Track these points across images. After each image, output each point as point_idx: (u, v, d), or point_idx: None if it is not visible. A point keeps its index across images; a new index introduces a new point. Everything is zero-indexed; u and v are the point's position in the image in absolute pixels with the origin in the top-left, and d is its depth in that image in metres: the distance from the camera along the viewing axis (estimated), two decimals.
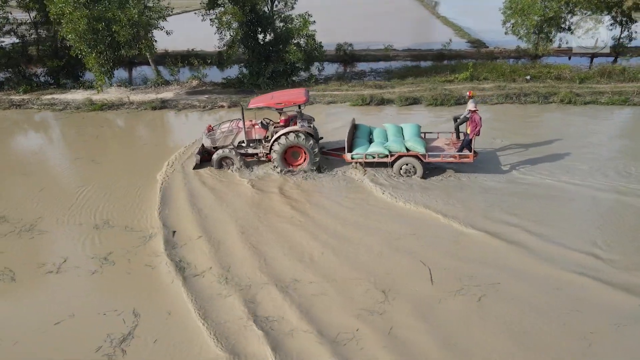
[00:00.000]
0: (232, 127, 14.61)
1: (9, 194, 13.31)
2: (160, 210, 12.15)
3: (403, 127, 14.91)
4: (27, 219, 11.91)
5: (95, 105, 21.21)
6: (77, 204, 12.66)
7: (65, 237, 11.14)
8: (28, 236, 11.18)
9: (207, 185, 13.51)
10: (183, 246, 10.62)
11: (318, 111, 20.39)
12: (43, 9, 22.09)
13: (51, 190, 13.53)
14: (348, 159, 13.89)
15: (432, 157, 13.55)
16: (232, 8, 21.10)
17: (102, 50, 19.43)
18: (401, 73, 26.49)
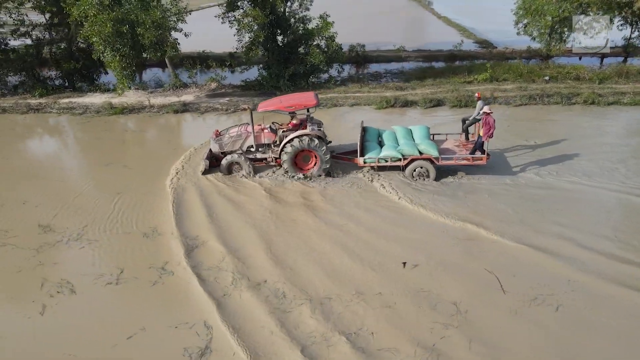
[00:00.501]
0: (240, 132, 14.39)
1: (46, 201, 12.99)
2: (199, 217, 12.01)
3: (412, 130, 14.83)
4: (72, 228, 11.63)
5: (116, 109, 20.86)
6: (117, 211, 12.40)
7: (117, 246, 10.89)
8: (78, 246, 10.91)
9: (240, 193, 13.24)
10: (230, 256, 10.33)
11: (340, 114, 20.31)
12: (60, 11, 21.68)
13: (87, 197, 13.24)
14: (360, 163, 13.77)
15: (445, 159, 13.51)
16: (254, 10, 20.86)
17: (125, 53, 19.09)
18: (418, 74, 26.44)
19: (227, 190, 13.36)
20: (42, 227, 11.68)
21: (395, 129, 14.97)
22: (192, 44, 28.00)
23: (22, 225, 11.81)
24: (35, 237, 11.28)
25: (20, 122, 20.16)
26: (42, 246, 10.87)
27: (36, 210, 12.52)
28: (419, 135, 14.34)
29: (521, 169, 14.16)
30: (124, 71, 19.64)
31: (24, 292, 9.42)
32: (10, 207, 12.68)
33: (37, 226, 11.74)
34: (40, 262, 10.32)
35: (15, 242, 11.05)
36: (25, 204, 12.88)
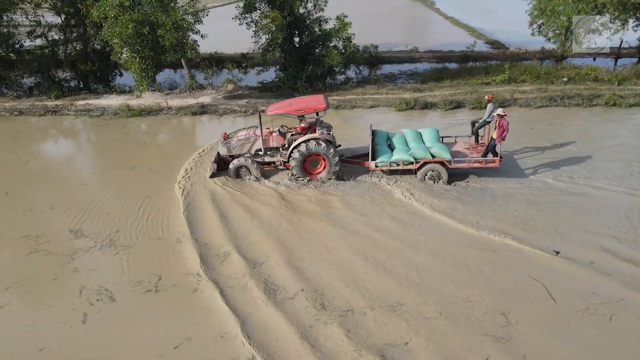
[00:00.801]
0: (249, 135, 14.26)
1: (72, 205, 12.83)
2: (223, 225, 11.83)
3: (422, 132, 14.74)
4: (104, 233, 11.50)
5: (134, 111, 20.71)
6: (144, 216, 12.26)
7: (150, 252, 10.74)
8: (112, 252, 10.77)
9: (258, 201, 12.99)
10: (262, 265, 10.15)
11: (358, 116, 20.15)
12: (77, 12, 21.53)
13: (114, 201, 13.08)
14: (372, 167, 13.64)
15: (457, 162, 13.41)
16: (273, 12, 20.71)
17: (146, 55, 18.93)
18: (433, 75, 26.26)
19: (243, 197, 13.10)
20: (73, 233, 11.54)
21: (405, 132, 14.88)
22: (203, 45, 27.89)
23: (53, 230, 11.67)
24: (67, 242, 11.15)
25: (38, 125, 20.00)
26: (75, 252, 10.73)
27: (65, 214, 12.37)
28: (429, 138, 14.26)
29: (549, 173, 13.99)
30: (142, 73, 19.44)
31: (62, 299, 9.28)
32: (40, 212, 12.53)
33: (69, 231, 11.61)
34: (76, 268, 10.18)
35: (48, 248, 10.91)
36: (53, 208, 12.72)
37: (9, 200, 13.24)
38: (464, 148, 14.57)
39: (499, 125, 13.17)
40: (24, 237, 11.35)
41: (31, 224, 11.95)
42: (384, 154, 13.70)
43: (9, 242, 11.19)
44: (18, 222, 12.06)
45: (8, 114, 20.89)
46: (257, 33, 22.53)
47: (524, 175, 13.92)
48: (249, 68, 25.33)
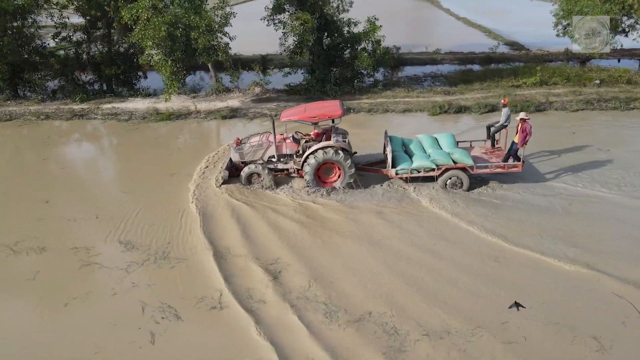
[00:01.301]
0: (262, 141, 13.89)
1: (115, 214, 12.39)
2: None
3: (437, 138, 14.44)
4: (155, 245, 11.08)
5: (163, 115, 20.33)
6: (188, 226, 11.80)
7: (206, 266, 10.28)
8: (167, 265, 10.36)
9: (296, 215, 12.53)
10: (316, 284, 9.62)
11: (390, 120, 19.78)
12: (105, 14, 21.15)
13: (155, 210, 12.63)
14: (392, 174, 13.28)
15: (480, 168, 13.14)
16: (304, 14, 20.32)
17: (178, 58, 18.54)
18: (460, 78, 25.89)
19: (269, 209, 12.69)
20: (123, 244, 11.13)
21: (421, 138, 14.59)
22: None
23: (102, 241, 11.27)
24: (119, 255, 10.75)
25: (67, 129, 19.58)
26: (130, 265, 10.33)
27: (110, 224, 11.95)
28: (446, 144, 14.00)
29: (591, 181, 13.61)
30: (172, 76, 19.04)
31: (125, 317, 8.87)
32: (84, 222, 12.12)
33: (118, 242, 11.20)
34: (134, 283, 9.78)
35: (101, 261, 10.51)
36: (98, 217, 12.32)
37: (51, 209, 12.84)
38: (481, 153, 14.35)
39: (522, 129, 12.99)
40: (73, 249, 10.95)
41: (78, 235, 11.56)
42: (403, 161, 13.38)
43: (60, 254, 10.79)
44: (64, 232, 11.66)
45: (35, 118, 20.49)
46: (286, 35, 22.16)
47: (561, 182, 13.58)
48: (272, 70, 24.94)
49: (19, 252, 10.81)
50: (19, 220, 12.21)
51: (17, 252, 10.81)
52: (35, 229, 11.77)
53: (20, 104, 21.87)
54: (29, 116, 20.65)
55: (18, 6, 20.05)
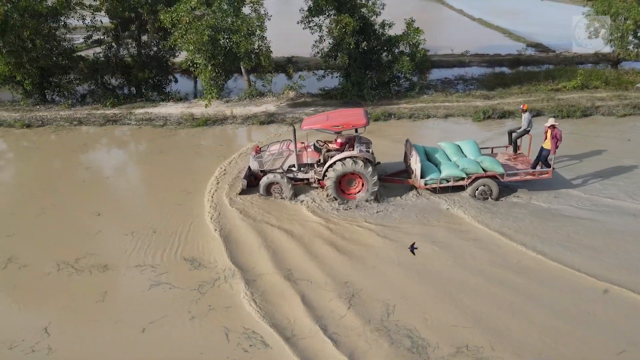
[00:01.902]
0: (282, 149, 13.35)
1: (174, 228, 11.78)
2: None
3: (460, 145, 14.05)
4: (221, 262, 10.47)
5: (199, 121, 19.74)
6: (247, 242, 11.19)
7: (278, 288, 9.65)
8: (239, 284, 9.76)
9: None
10: (393, 312, 8.97)
11: (434, 126, 19.21)
12: (139, 16, 20.58)
13: (213, 224, 12.08)
14: (421, 185, 12.76)
15: (510, 176, 12.78)
16: (346, 17, 19.75)
17: (219, 63, 17.96)
18: (494, 81, 25.34)
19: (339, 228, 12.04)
20: (189, 262, 10.57)
21: (443, 146, 14.17)
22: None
23: (166, 259, 10.69)
24: (187, 273, 10.18)
25: (102, 135, 18.95)
26: (201, 285, 9.76)
27: (170, 239, 11.38)
28: (470, 151, 13.60)
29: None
30: (212, 81, 18.47)
31: (211, 345, 8.31)
32: (142, 236, 11.52)
33: (183, 259, 10.63)
34: (210, 306, 9.21)
35: (169, 280, 9.94)
36: (156, 232, 11.75)
37: (105, 222, 12.26)
38: (505, 160, 13.96)
39: (553, 135, 12.77)
40: (137, 267, 10.39)
41: (139, 251, 10.98)
42: (430, 170, 12.92)
43: (124, 272, 10.23)
44: (123, 248, 11.08)
45: (67, 123, 19.90)
46: (322, 38, 21.61)
47: (599, 195, 13.04)
48: (301, 73, 24.27)
49: (82, 271, 10.25)
50: (74, 235, 11.65)
51: (80, 271, 10.25)
52: (93, 245, 11.21)
53: (50, 109, 21.29)
54: (61, 122, 20.06)
55: (51, 8, 19.46)
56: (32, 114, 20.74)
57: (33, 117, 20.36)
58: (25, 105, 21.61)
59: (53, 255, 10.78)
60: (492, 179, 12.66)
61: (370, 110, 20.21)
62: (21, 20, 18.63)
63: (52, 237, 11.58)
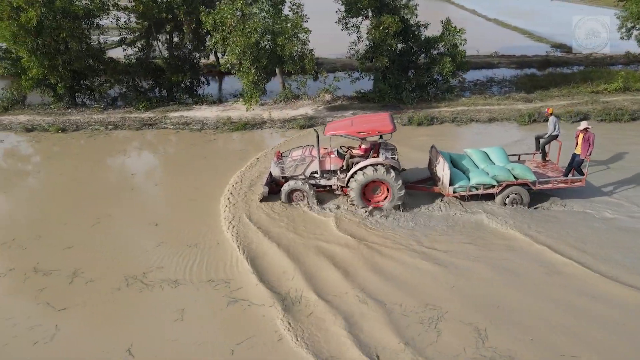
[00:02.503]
0: (304, 155, 12.93)
1: (232, 239, 11.33)
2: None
3: (487, 152, 13.62)
4: (285, 282, 9.75)
5: (237, 124, 19.28)
6: (308, 259, 10.54)
7: (357, 311, 8.95)
8: (303, 306, 9.08)
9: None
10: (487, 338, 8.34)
11: (477, 131, 18.71)
12: (174, 18, 20.09)
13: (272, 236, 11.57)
14: (450, 193, 12.27)
15: (542, 184, 12.32)
16: (389, 17, 19.27)
17: (263, 66, 17.47)
18: (529, 83, 24.99)
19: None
20: (257, 275, 10.03)
21: (470, 152, 13.74)
22: None
23: (235, 272, 10.12)
24: (259, 289, 9.47)
25: (141, 140, 18.40)
26: (278, 302, 9.18)
27: (233, 251, 10.84)
28: (498, 158, 13.21)
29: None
30: (254, 85, 17.98)
31: None
32: (207, 249, 10.96)
33: (251, 274, 10.02)
34: (292, 325, 8.68)
35: (246, 297, 9.37)
36: (219, 244, 11.26)
37: (164, 233, 11.75)
38: (533, 167, 13.50)
39: (585, 139, 12.26)
40: (209, 282, 9.89)
41: (206, 264, 10.47)
42: (459, 178, 12.47)
43: (197, 288, 9.72)
44: (190, 261, 10.55)
45: (103, 127, 19.42)
46: (360, 39, 21.15)
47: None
48: (339, 74, 23.75)
49: (152, 286, 9.76)
50: (136, 246, 11.15)
51: (151, 286, 9.75)
52: (158, 258, 10.71)
53: (82, 113, 20.82)
54: (96, 125, 19.59)
55: (88, 9, 18.99)
56: (65, 117, 20.27)
57: (66, 120, 19.88)
58: (56, 108, 21.15)
59: (118, 269, 10.30)
60: (523, 187, 12.26)
61: (412, 114, 19.79)
62: (56, 22, 18.15)
63: (113, 248, 11.10)
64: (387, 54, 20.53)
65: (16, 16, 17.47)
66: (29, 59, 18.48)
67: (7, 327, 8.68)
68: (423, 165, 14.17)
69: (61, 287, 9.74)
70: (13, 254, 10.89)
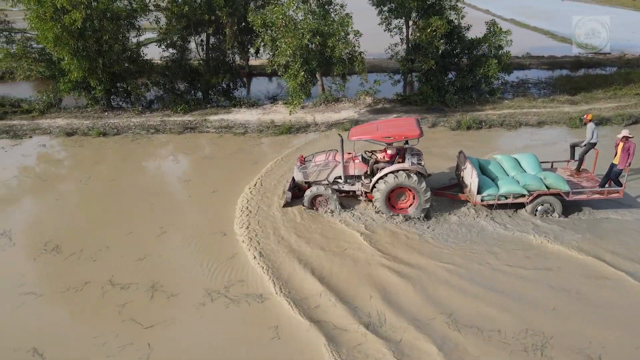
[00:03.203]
0: (328, 160, 12.67)
1: (309, 252, 10.89)
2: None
3: (518, 159, 13.11)
4: (370, 311, 9.04)
5: (281, 128, 18.83)
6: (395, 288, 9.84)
7: (450, 339, 8.38)
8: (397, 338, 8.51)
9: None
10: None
11: (531, 135, 18.22)
12: (217, 20, 19.66)
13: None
14: (477, 201, 11.84)
15: (576, 194, 11.74)
16: (436, 19, 18.85)
17: (312, 68, 17.03)
18: (567, 84, 24.55)
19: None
20: (325, 295, 9.54)
21: (500, 159, 13.24)
22: None
23: (313, 292, 9.51)
24: (343, 312, 8.98)
25: (185, 144, 17.79)
26: (360, 326, 8.67)
27: (307, 266, 10.38)
28: (530, 166, 12.71)
29: None
30: (301, 87, 17.53)
31: None
32: (283, 261, 10.59)
33: (331, 294, 9.52)
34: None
35: (332, 320, 8.93)
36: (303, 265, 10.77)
37: (235, 242, 11.29)
38: (567, 176, 12.92)
39: (624, 149, 11.65)
40: (292, 297, 9.43)
41: (289, 278, 10.03)
42: (487, 185, 12.00)
43: (284, 304, 9.25)
44: (267, 274, 10.12)
45: (144, 131, 18.98)
46: (404, 40, 20.74)
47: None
48: (380, 77, 23.34)
49: (238, 301, 9.30)
50: (209, 257, 10.68)
51: (236, 301, 9.30)
52: (236, 270, 10.24)
53: (119, 116, 20.39)
54: (135, 129, 19.15)
55: (132, 10, 18.55)
56: (103, 121, 19.84)
57: (105, 124, 19.45)
58: (92, 111, 20.72)
59: (197, 282, 9.86)
60: (555, 197, 11.76)
61: (459, 118, 19.32)
62: (99, 23, 17.72)
63: (186, 260, 10.65)
64: (432, 56, 20.09)
65: (59, 18, 17.01)
66: (70, 62, 18.03)
67: (97, 346, 8.25)
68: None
69: (143, 302, 9.31)
70: (84, 265, 10.45)
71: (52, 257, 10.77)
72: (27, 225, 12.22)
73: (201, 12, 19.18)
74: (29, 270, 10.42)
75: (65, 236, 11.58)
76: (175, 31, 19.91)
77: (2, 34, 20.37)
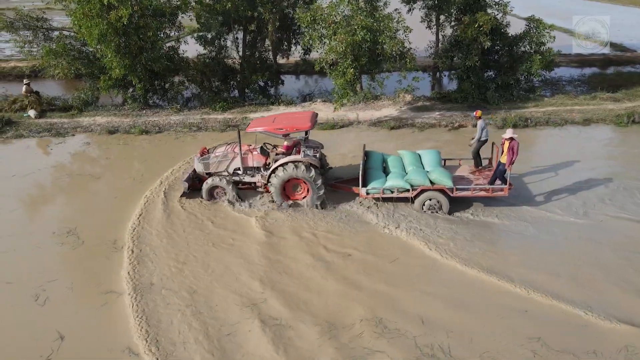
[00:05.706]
0: (227, 152, 12.93)
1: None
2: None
3: (421, 155, 13.13)
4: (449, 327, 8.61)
5: (325, 125, 18.63)
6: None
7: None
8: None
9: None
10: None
11: (572, 133, 17.94)
12: (258, 16, 19.47)
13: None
14: (363, 194, 12.06)
15: (460, 191, 11.78)
16: (482, 15, 18.59)
17: (361, 65, 16.80)
18: (603, 81, 24.23)
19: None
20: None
21: (402, 154, 13.34)
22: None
23: (380, 305, 9.08)
24: (416, 323, 8.60)
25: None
26: (422, 336, 8.33)
27: (375, 274, 10.09)
28: (429, 162, 12.70)
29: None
30: (349, 84, 17.31)
31: None
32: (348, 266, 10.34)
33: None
34: None
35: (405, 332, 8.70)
36: (351, 255, 10.56)
37: (291, 246, 11.05)
38: (468, 173, 12.99)
39: (509, 148, 11.64)
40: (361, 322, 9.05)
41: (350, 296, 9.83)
42: (376, 179, 12.10)
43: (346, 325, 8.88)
44: (324, 282, 9.79)
45: (186, 129, 18.79)
46: (445, 38, 20.51)
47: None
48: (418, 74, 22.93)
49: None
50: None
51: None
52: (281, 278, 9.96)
53: (158, 114, 20.22)
54: (177, 127, 18.98)
55: (176, 6, 18.38)
56: (142, 119, 19.68)
57: (146, 122, 19.29)
58: (130, 109, 20.55)
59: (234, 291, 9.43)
60: (441, 193, 11.74)
61: (504, 115, 19.07)
62: (144, 20, 17.54)
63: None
64: (475, 53, 19.86)
65: (106, 14, 16.84)
66: (113, 59, 17.86)
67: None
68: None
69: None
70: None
71: (122, 255, 10.57)
72: (91, 224, 11.99)
73: (243, 8, 18.95)
74: (104, 269, 10.20)
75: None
76: (215, 27, 19.66)
77: (40, 31, 20.18)
